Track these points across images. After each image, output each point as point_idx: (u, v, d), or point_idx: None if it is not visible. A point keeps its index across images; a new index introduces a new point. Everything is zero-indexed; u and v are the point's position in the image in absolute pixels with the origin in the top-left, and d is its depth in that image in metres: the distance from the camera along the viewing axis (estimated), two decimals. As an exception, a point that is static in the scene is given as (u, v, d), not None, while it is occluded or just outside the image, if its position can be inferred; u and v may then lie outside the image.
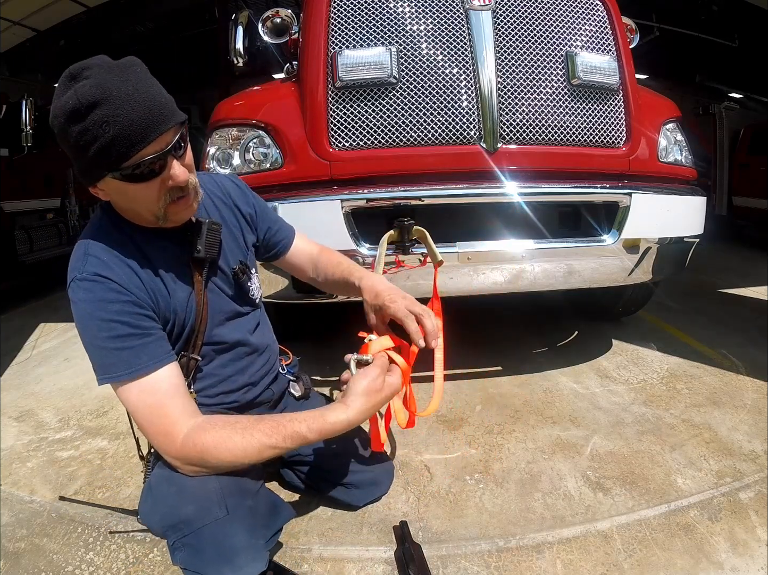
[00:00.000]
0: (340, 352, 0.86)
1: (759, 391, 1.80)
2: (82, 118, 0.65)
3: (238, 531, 0.78)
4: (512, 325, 2.57)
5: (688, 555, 1.05)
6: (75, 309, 0.76)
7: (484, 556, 1.07)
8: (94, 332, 0.75)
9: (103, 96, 0.65)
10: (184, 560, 0.78)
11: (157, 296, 0.81)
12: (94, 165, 0.69)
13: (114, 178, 0.70)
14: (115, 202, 0.79)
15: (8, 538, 1.17)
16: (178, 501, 0.78)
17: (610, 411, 1.67)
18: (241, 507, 0.79)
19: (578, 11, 1.57)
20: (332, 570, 1.05)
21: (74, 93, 0.65)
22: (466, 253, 1.49)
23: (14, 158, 4.06)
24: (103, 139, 0.66)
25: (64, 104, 0.66)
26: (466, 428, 1.58)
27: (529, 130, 1.50)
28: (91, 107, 0.64)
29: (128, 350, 0.74)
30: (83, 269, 0.75)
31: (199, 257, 0.84)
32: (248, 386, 0.99)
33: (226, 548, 0.76)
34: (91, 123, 0.65)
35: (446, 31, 1.47)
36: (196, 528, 0.75)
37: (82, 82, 0.66)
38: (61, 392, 2.01)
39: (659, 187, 1.65)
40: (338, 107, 1.47)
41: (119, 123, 0.65)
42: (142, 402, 0.75)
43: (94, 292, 0.74)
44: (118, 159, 0.68)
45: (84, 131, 0.66)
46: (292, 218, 1.43)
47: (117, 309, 0.74)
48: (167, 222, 0.80)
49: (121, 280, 0.76)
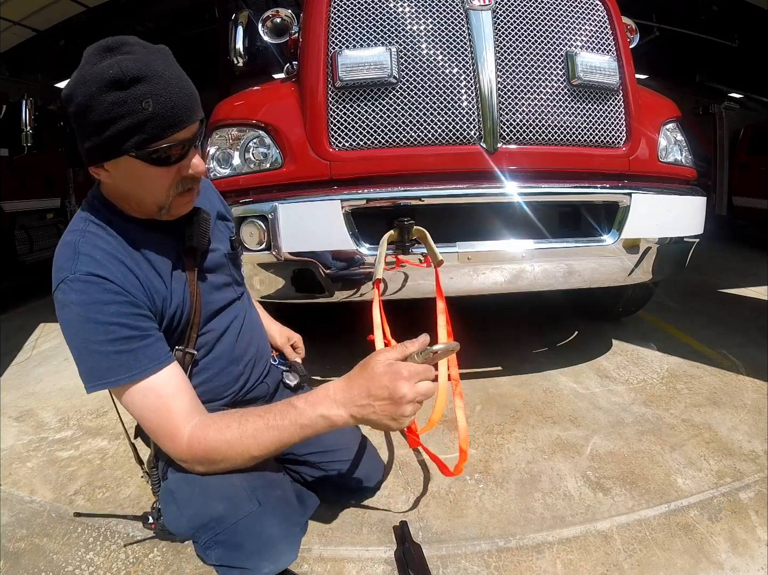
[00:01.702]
0: (340, 352, 0.86)
1: (759, 391, 1.80)
2: (122, 88, 0.63)
3: (274, 521, 0.78)
4: (512, 325, 2.57)
5: (688, 555, 1.05)
6: (64, 312, 0.71)
7: (484, 556, 1.07)
8: (88, 336, 0.70)
9: (148, 73, 0.64)
10: (220, 557, 0.78)
11: (153, 293, 0.78)
12: (117, 141, 0.66)
13: (136, 157, 0.68)
14: (116, 187, 0.75)
15: (8, 538, 1.17)
16: (205, 501, 0.76)
17: (610, 411, 1.67)
18: (271, 498, 0.79)
19: (578, 11, 1.57)
20: (332, 570, 1.05)
21: (116, 63, 0.63)
22: (466, 253, 1.49)
23: (14, 158, 4.06)
24: (140, 115, 0.64)
25: (101, 72, 0.63)
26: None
27: (529, 130, 1.50)
28: (134, 81, 0.63)
29: (127, 354, 0.71)
30: (75, 268, 0.71)
31: (192, 246, 0.83)
32: (243, 378, 0.98)
33: (264, 539, 0.76)
34: (131, 96, 0.63)
35: (446, 31, 1.47)
36: (230, 524, 0.75)
37: (125, 56, 0.64)
38: (61, 392, 2.01)
39: (659, 187, 1.65)
40: (338, 107, 1.47)
41: (161, 103, 0.65)
42: (146, 406, 0.73)
43: (89, 293, 0.70)
44: (150, 138, 0.66)
45: (120, 102, 0.64)
46: (292, 218, 1.44)
47: (114, 311, 0.71)
48: (168, 214, 0.79)
49: (117, 279, 0.72)
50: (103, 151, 0.68)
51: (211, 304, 0.89)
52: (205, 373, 0.90)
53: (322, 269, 1.48)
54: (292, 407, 0.71)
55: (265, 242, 1.46)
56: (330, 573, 1.04)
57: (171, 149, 0.69)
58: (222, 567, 0.79)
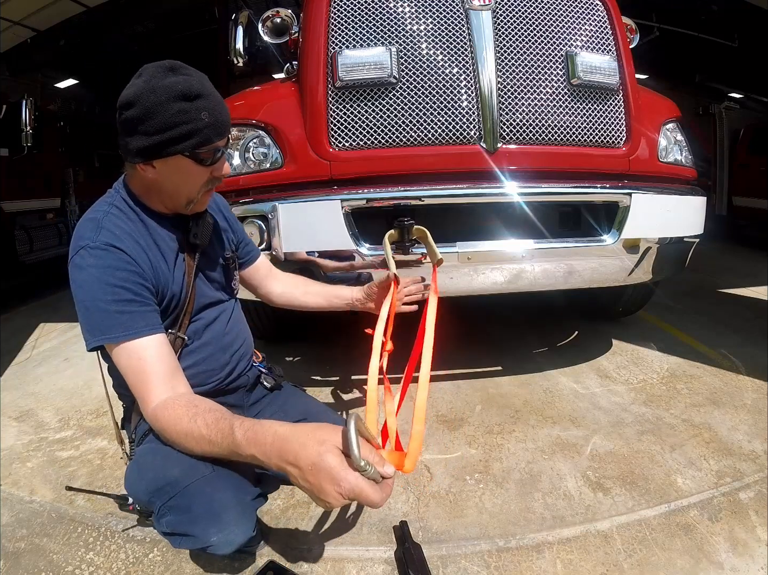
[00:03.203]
0: (340, 352, 0.86)
1: (759, 391, 1.80)
2: (188, 100, 0.79)
3: (226, 486, 0.80)
4: (512, 325, 2.57)
5: (688, 555, 1.05)
6: (79, 274, 0.81)
7: (484, 556, 1.07)
8: (98, 295, 0.80)
9: (206, 93, 0.81)
10: (169, 523, 0.81)
11: (159, 273, 0.88)
12: (177, 141, 0.80)
13: (187, 156, 0.82)
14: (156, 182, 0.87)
15: (8, 538, 1.17)
16: (164, 466, 0.81)
17: (610, 411, 1.67)
18: (227, 467, 0.82)
19: (578, 11, 1.57)
20: (332, 570, 1.05)
21: (183, 81, 0.79)
22: (466, 253, 1.49)
23: (14, 158, 4.06)
24: (199, 123, 0.80)
25: (171, 86, 0.78)
26: (466, 428, 1.58)
27: (529, 130, 1.50)
28: (197, 96, 0.80)
29: (128, 314, 0.81)
30: (96, 238, 0.82)
31: (195, 242, 0.94)
32: (229, 367, 1.04)
33: (215, 503, 0.79)
34: (194, 107, 0.79)
35: (446, 31, 1.47)
36: (182, 487, 0.79)
37: (186, 77, 0.80)
38: (61, 392, 2.01)
39: (659, 187, 1.65)
40: (338, 107, 1.47)
41: (214, 116, 0.82)
42: (132, 365, 0.80)
43: (105, 259, 0.81)
44: (203, 142, 0.82)
45: (185, 111, 0.79)
46: (292, 218, 1.44)
47: (124, 277, 0.81)
48: (192, 209, 0.92)
49: (131, 252, 0.83)
50: (161, 149, 0.81)
51: (203, 297, 0.99)
52: (193, 356, 0.97)
53: (322, 270, 1.48)
54: (233, 435, 0.68)
55: (265, 242, 1.47)
56: (330, 573, 1.04)
57: (214, 152, 0.86)
58: (173, 536, 0.82)
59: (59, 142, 5.09)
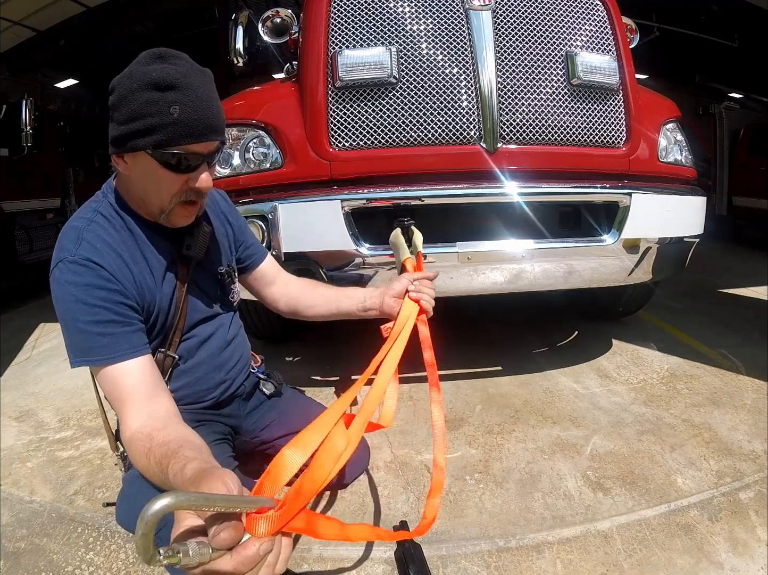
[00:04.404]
0: (340, 352, 0.86)
1: (759, 391, 1.80)
2: (159, 90, 0.70)
3: None
4: (512, 325, 2.57)
5: (688, 555, 1.05)
6: (59, 290, 0.77)
7: (484, 556, 1.07)
8: (77, 316, 0.76)
9: (184, 85, 0.71)
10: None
11: (144, 288, 0.83)
12: (140, 135, 0.72)
13: (151, 156, 0.73)
14: (131, 181, 0.80)
15: (8, 538, 1.17)
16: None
17: (610, 411, 1.67)
18: None
19: (578, 11, 1.57)
20: (332, 570, 1.05)
21: (161, 69, 0.71)
22: (466, 253, 1.49)
23: (14, 158, 4.06)
24: (166, 118, 0.71)
25: (146, 72, 0.71)
26: (466, 428, 1.58)
27: (529, 130, 1.50)
28: (169, 87, 0.71)
29: (109, 337, 0.76)
30: (75, 252, 0.77)
31: (188, 254, 0.88)
32: (225, 384, 1.01)
33: None
34: (163, 99, 0.70)
35: (446, 31, 1.47)
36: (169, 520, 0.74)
37: (170, 65, 0.72)
38: (61, 392, 2.01)
39: (659, 187, 1.65)
40: (338, 107, 1.47)
41: (186, 112, 0.71)
42: (112, 390, 0.76)
43: (84, 276, 0.76)
44: (167, 141, 0.72)
45: (152, 102, 0.70)
46: (292, 218, 1.44)
47: (103, 296, 0.76)
48: (166, 220, 0.83)
49: (111, 269, 0.78)
50: (125, 141, 0.74)
51: (196, 312, 0.93)
52: (187, 376, 0.93)
53: (322, 270, 1.48)
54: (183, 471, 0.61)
55: (265, 242, 1.47)
56: (330, 573, 1.04)
57: (183, 157, 0.74)
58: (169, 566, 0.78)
59: (59, 142, 5.09)
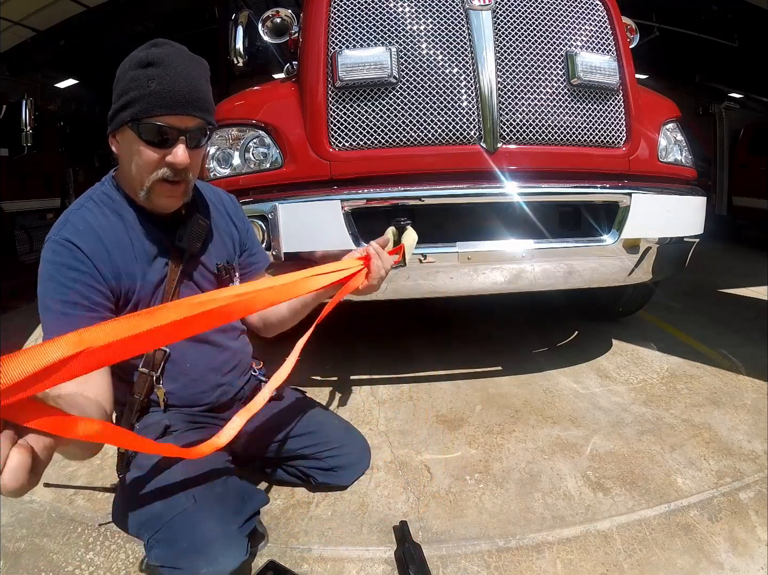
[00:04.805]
0: (340, 352, 0.86)
1: (759, 391, 1.80)
2: (140, 67, 0.77)
3: (208, 518, 0.78)
4: (512, 325, 2.57)
5: (688, 555, 1.05)
6: (40, 267, 0.80)
7: (484, 556, 1.07)
8: (49, 293, 0.78)
9: (162, 62, 0.77)
10: (158, 557, 0.78)
11: (122, 274, 0.83)
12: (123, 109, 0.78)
13: (131, 128, 0.78)
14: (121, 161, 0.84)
15: (8, 538, 1.17)
16: (146, 498, 0.79)
17: (610, 411, 1.67)
18: (208, 496, 0.80)
19: (578, 11, 1.57)
20: (332, 570, 1.05)
21: (146, 51, 0.78)
22: (466, 253, 1.49)
23: (14, 158, 4.06)
24: (143, 90, 0.76)
25: (135, 55, 0.79)
26: (466, 428, 1.58)
27: (529, 130, 1.50)
28: (150, 64, 0.77)
29: (69, 318, 0.77)
30: (59, 232, 0.81)
31: (180, 246, 0.88)
32: (222, 388, 1.00)
33: (198, 537, 0.76)
34: (143, 74, 0.76)
35: (446, 31, 1.47)
36: (165, 521, 0.77)
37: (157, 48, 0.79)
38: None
39: (659, 187, 1.65)
40: (338, 107, 1.47)
41: (162, 85, 0.76)
42: None
43: (60, 255, 0.79)
44: (142, 111, 0.76)
45: (135, 78, 0.77)
46: (292, 218, 1.44)
47: (73, 276, 0.78)
48: (148, 200, 0.84)
49: (88, 250, 0.80)
50: (114, 119, 0.80)
51: None
52: (183, 377, 0.93)
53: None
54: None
55: (265, 242, 1.46)
56: (330, 573, 1.04)
57: (159, 129, 0.77)
58: (163, 568, 0.79)
59: (59, 142, 5.10)
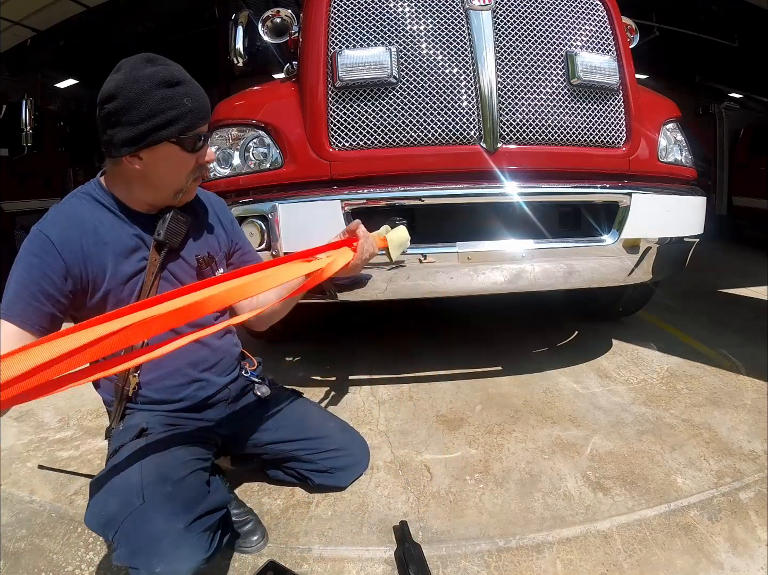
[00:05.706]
0: (340, 352, 0.86)
1: (759, 391, 1.80)
2: (171, 86, 0.82)
3: (155, 517, 0.79)
4: (512, 325, 2.57)
5: (688, 555, 1.05)
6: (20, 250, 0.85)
7: (484, 556, 1.07)
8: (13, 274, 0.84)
9: (186, 79, 0.85)
10: (119, 556, 0.80)
11: (95, 267, 0.87)
12: (162, 127, 0.82)
13: (175, 143, 0.84)
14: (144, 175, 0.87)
15: (8, 538, 1.17)
16: (106, 500, 0.82)
17: (610, 411, 1.67)
18: (157, 494, 0.81)
19: (578, 11, 1.57)
20: (332, 570, 1.05)
21: (164, 69, 0.82)
22: (466, 253, 1.49)
23: (14, 158, 4.06)
24: (183, 108, 0.83)
25: (153, 74, 0.81)
26: (466, 428, 1.58)
27: (529, 130, 1.50)
28: (178, 83, 0.83)
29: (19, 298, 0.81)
30: (41, 223, 0.86)
31: (159, 239, 0.92)
32: (199, 383, 1.00)
33: (147, 536, 0.78)
34: (176, 93, 0.82)
35: (446, 31, 1.47)
36: (120, 522, 0.78)
37: (166, 66, 0.83)
38: (61, 392, 2.00)
39: (659, 187, 1.65)
40: (338, 107, 1.47)
41: (196, 101, 0.85)
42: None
43: (32, 243, 0.85)
44: (188, 127, 0.84)
45: (168, 98, 0.81)
46: (292, 218, 1.44)
47: (37, 263, 0.83)
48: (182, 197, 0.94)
49: (58, 242, 0.84)
50: (145, 137, 0.82)
51: None
52: (157, 369, 0.95)
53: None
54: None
55: (265, 242, 1.47)
56: (330, 573, 1.04)
57: (199, 138, 0.88)
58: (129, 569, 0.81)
59: (59, 142, 5.10)
